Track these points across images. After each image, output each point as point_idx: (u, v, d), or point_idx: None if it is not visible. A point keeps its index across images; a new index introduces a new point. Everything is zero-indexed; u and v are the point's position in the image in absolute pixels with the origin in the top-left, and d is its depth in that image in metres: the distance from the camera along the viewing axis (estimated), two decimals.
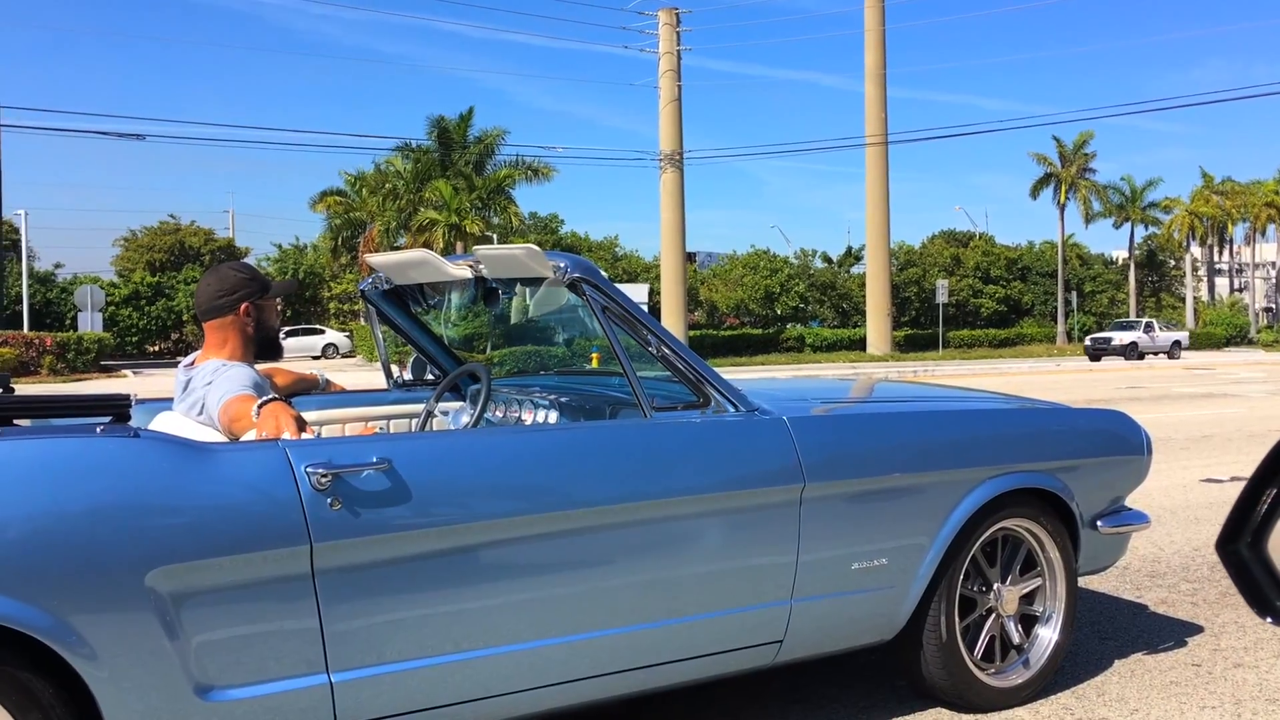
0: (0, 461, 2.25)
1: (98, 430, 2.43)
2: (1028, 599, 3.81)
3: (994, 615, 3.70)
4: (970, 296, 52.46)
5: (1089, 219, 54.55)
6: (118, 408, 2.61)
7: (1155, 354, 41.32)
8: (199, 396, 3.12)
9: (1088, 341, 42.12)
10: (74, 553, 2.25)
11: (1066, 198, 53.36)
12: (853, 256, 53.92)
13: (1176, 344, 42.58)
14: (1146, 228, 58.61)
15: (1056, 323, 52.05)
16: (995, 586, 3.70)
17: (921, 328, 49.65)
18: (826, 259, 54.45)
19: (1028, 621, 3.81)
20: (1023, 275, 55.27)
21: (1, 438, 2.30)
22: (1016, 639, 3.74)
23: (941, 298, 42.01)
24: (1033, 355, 42.28)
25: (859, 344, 42.49)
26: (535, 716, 2.93)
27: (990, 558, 3.72)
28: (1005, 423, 3.93)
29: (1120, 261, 62.16)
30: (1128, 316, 56.44)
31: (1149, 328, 42.39)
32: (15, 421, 2.64)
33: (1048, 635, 3.79)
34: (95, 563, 2.27)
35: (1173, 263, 63.98)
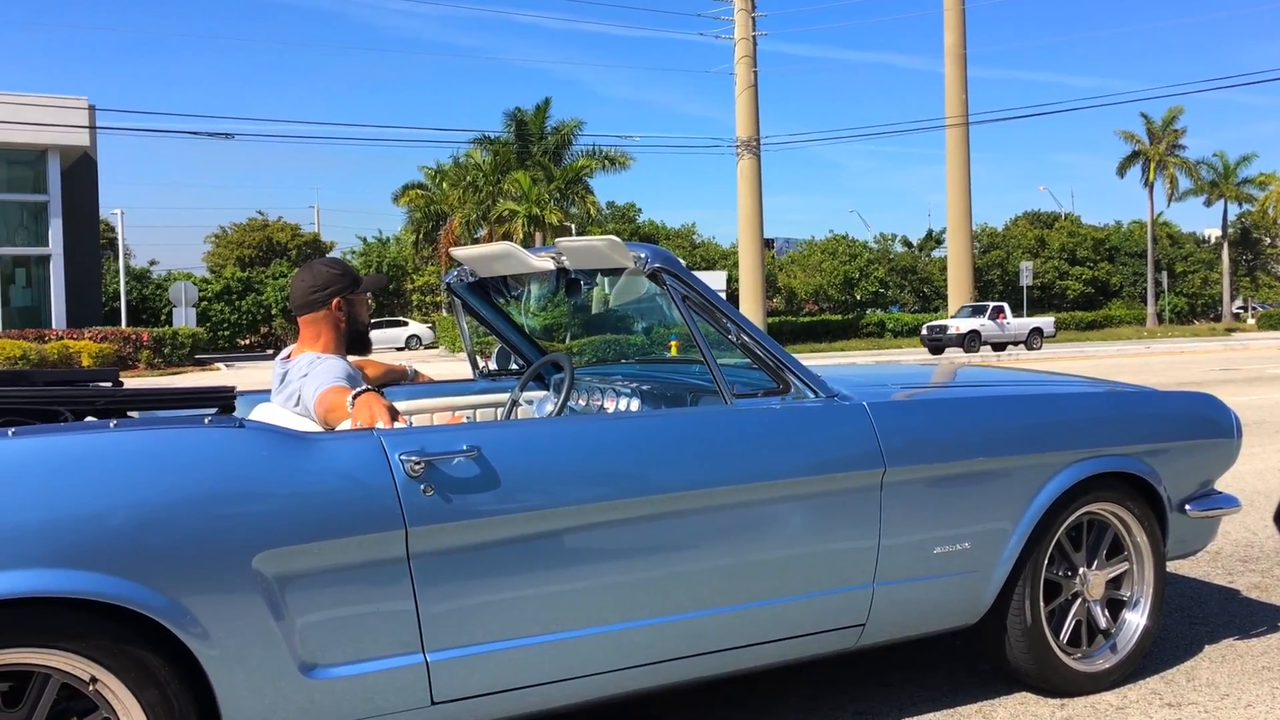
0: (117, 451, 2.39)
1: (205, 421, 2.55)
2: (1115, 583, 3.78)
3: (1080, 600, 3.69)
4: (1056, 278, 51.46)
5: (1176, 197, 53.08)
6: (223, 399, 2.73)
7: (1014, 344, 34.83)
8: (295, 388, 3.25)
9: (924, 331, 35.56)
10: (186, 537, 2.38)
11: (1155, 176, 52.02)
12: (934, 240, 53.24)
13: (1036, 332, 35.82)
14: (1240, 205, 56.84)
15: (1146, 304, 50.80)
16: (1081, 571, 3.68)
17: None
18: (906, 243, 53.84)
19: (1115, 606, 3.79)
20: (1110, 256, 54.03)
21: (118, 429, 2.44)
22: (1103, 623, 3.72)
23: (1026, 280, 41.25)
24: (1121, 338, 41.29)
25: None
26: (622, 696, 3.01)
27: (1075, 542, 3.70)
28: (1090, 406, 3.90)
29: (1213, 240, 60.42)
30: (1220, 296, 54.82)
31: (998, 313, 35.48)
32: (128, 414, 2.77)
33: (1135, 620, 3.77)
34: (206, 547, 2.39)
35: (1268, 240, 62.01)
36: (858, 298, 49.01)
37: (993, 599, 3.49)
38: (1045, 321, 38.27)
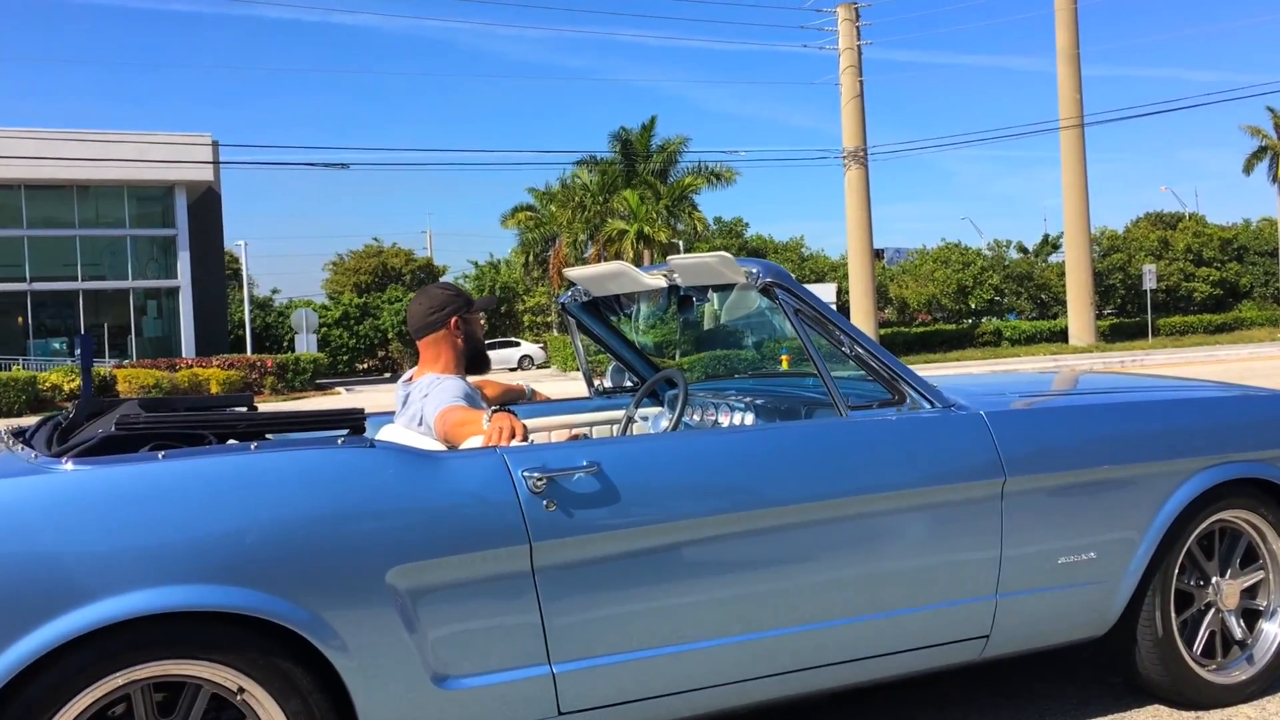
0: (259, 472, 2.52)
1: (338, 443, 2.67)
2: (1250, 593, 3.67)
3: (1213, 610, 3.59)
4: (1181, 281, 49.64)
5: None
6: (354, 421, 2.85)
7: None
8: (418, 409, 3.36)
9: None
10: (325, 554, 2.49)
11: None
12: (1050, 245, 51.95)
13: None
14: None
15: (1279, 305, 48.70)
16: (1214, 580, 3.59)
17: (1128, 316, 47.32)
18: (1022, 249, 52.61)
19: (1250, 616, 3.67)
20: (1239, 256, 51.93)
21: (259, 451, 2.57)
22: (1239, 634, 3.61)
23: (1149, 283, 39.91)
24: (1253, 340, 39.59)
25: (1060, 335, 40.88)
26: (747, 707, 3.03)
27: (1208, 551, 3.60)
28: (1218, 411, 3.80)
29: None
30: None
31: None
32: (265, 436, 2.91)
33: (1273, 630, 3.65)
34: (343, 563, 2.50)
35: None
36: (972, 306, 48.02)
37: (1121, 610, 3.42)
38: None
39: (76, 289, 37.10)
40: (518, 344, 49.56)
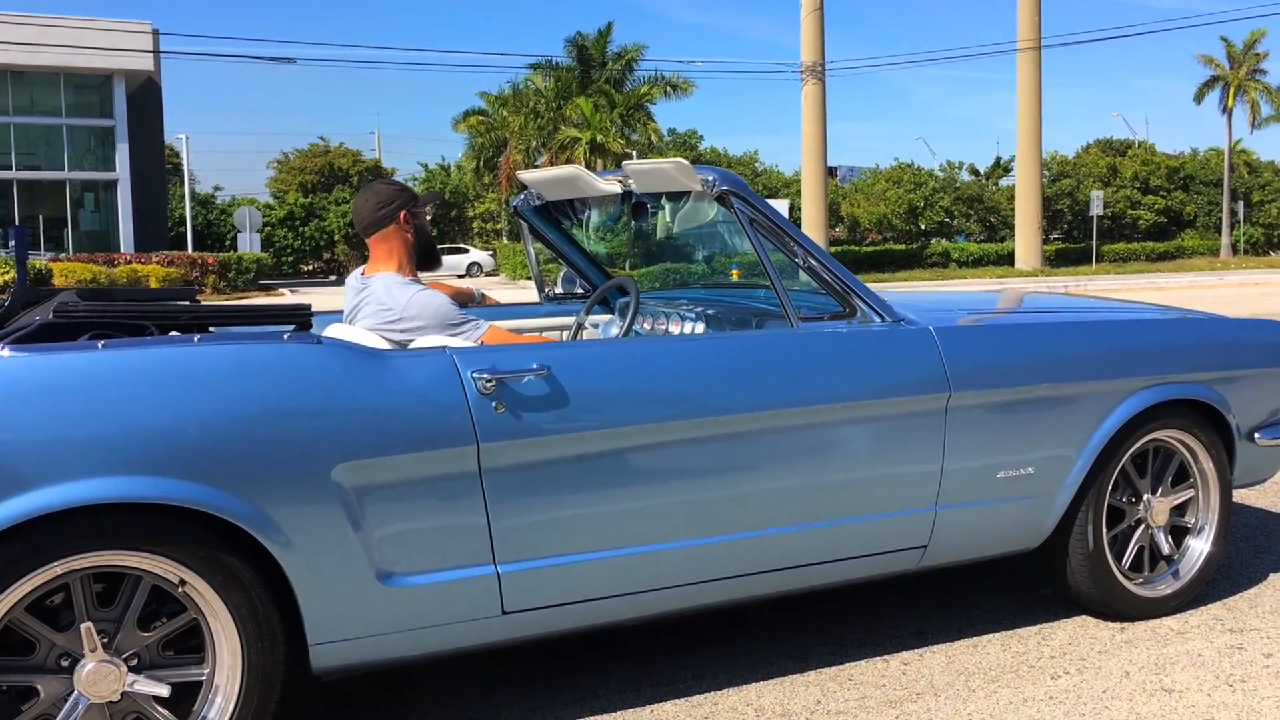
0: (203, 365, 2.47)
1: (284, 337, 2.62)
2: (1179, 510, 3.77)
3: (1143, 526, 3.69)
4: (1127, 208, 50.18)
5: (1258, 124, 51.26)
6: (300, 317, 2.81)
7: None
8: (376, 309, 3.26)
9: None
10: (269, 449, 2.46)
11: (1234, 101, 50.30)
12: (1002, 168, 52.13)
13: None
14: None
15: (1220, 235, 49.50)
16: (1145, 497, 3.68)
17: (1074, 241, 47.85)
18: (974, 171, 52.75)
19: (1179, 533, 3.78)
20: (1185, 185, 52.53)
21: (202, 343, 2.52)
22: (1166, 550, 3.72)
23: (1096, 210, 40.27)
24: (1194, 269, 40.27)
25: (1007, 259, 41.28)
26: (690, 610, 3.08)
27: (1141, 469, 3.69)
28: (1158, 333, 3.86)
29: None
30: None
31: None
32: (209, 329, 2.85)
33: (1199, 547, 3.76)
34: (287, 458, 2.48)
35: None
36: (922, 227, 48.24)
37: (1055, 524, 3.50)
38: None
39: (10, 178, 36.03)
40: (466, 250, 49.01)
